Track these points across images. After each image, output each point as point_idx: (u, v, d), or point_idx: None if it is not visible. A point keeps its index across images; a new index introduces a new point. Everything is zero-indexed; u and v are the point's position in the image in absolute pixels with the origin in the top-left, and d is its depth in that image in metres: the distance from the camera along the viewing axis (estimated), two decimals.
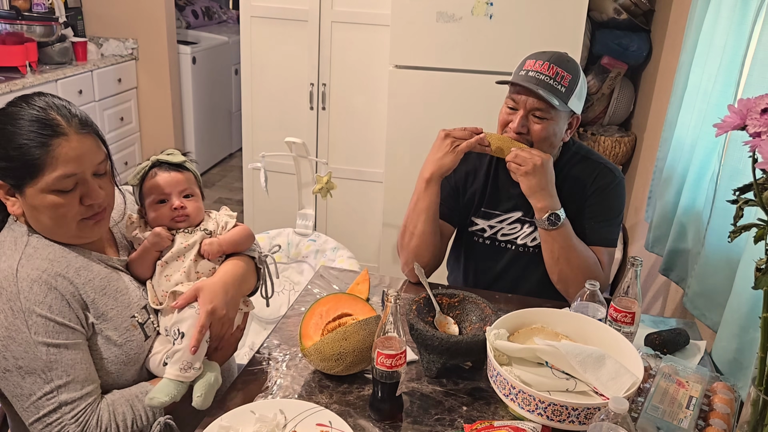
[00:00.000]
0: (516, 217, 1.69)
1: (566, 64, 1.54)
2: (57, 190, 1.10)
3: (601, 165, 1.66)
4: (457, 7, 2.52)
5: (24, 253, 1.12)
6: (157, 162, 1.33)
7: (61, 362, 1.09)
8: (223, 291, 1.25)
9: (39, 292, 1.09)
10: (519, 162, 1.50)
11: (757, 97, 0.93)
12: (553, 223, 1.52)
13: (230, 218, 1.38)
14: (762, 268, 0.97)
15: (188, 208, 1.32)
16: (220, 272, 1.30)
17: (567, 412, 1.07)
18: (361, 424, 1.18)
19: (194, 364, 1.19)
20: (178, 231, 1.31)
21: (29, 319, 1.07)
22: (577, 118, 1.63)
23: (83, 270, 1.16)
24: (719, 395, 1.25)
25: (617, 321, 1.36)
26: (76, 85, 3.52)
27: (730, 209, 1.10)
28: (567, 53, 1.60)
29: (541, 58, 1.55)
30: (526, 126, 1.56)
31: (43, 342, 1.08)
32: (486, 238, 1.74)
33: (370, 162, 3.12)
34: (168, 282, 1.27)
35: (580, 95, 1.57)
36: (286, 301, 2.36)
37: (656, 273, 2.16)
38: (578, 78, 1.55)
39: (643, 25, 2.90)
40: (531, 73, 1.54)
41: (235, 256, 1.35)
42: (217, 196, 4.48)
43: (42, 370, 1.08)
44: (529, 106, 1.54)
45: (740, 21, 1.64)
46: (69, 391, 1.09)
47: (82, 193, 1.13)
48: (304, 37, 3.00)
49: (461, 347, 1.26)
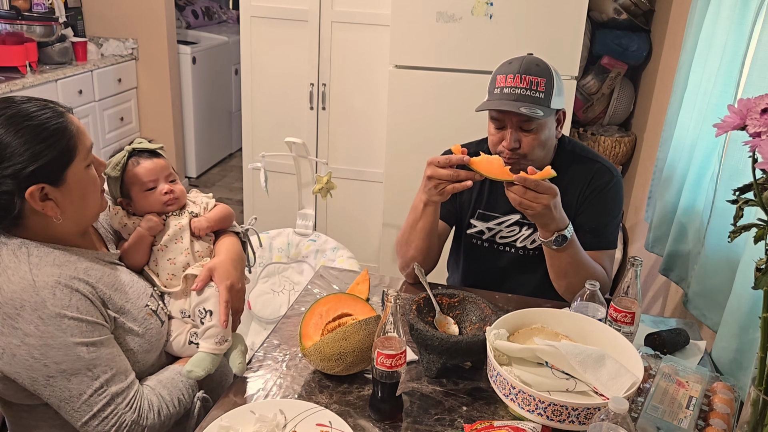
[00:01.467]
0: (514, 220, 1.68)
1: (536, 69, 1.50)
2: (88, 165, 1.16)
3: (598, 164, 1.64)
4: (457, 7, 2.52)
5: (30, 262, 1.11)
6: (133, 151, 1.35)
7: (102, 358, 1.11)
8: (233, 267, 1.33)
9: (62, 296, 1.09)
10: (525, 207, 1.40)
11: (757, 97, 0.93)
12: (560, 243, 1.47)
13: (208, 198, 1.45)
14: (762, 268, 0.97)
15: (176, 191, 1.37)
16: (222, 251, 1.37)
17: (567, 412, 1.07)
18: (361, 424, 1.18)
19: (227, 337, 1.28)
20: (168, 215, 1.35)
21: (62, 323, 1.08)
22: (563, 112, 1.60)
23: (90, 270, 1.17)
24: (719, 395, 1.25)
25: (617, 321, 1.36)
26: (76, 85, 3.52)
27: (730, 209, 1.09)
28: (531, 54, 1.56)
29: (510, 71, 1.51)
30: (518, 140, 1.52)
31: (81, 342, 1.09)
32: (484, 241, 1.72)
33: (370, 162, 3.12)
34: (173, 265, 1.31)
35: (559, 91, 1.53)
36: (286, 301, 2.36)
37: (656, 273, 2.16)
38: (551, 77, 1.51)
39: (643, 25, 2.90)
40: (506, 90, 1.49)
41: (224, 234, 1.43)
42: (217, 196, 4.43)
43: (87, 368, 1.10)
44: (515, 121, 1.51)
45: (740, 21, 1.64)
46: (117, 383, 1.12)
47: (96, 164, 1.19)
48: (304, 37, 3.00)
49: (461, 347, 1.26)
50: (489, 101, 1.53)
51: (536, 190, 1.37)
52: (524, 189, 1.38)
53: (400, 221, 1.72)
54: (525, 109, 1.46)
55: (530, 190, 1.37)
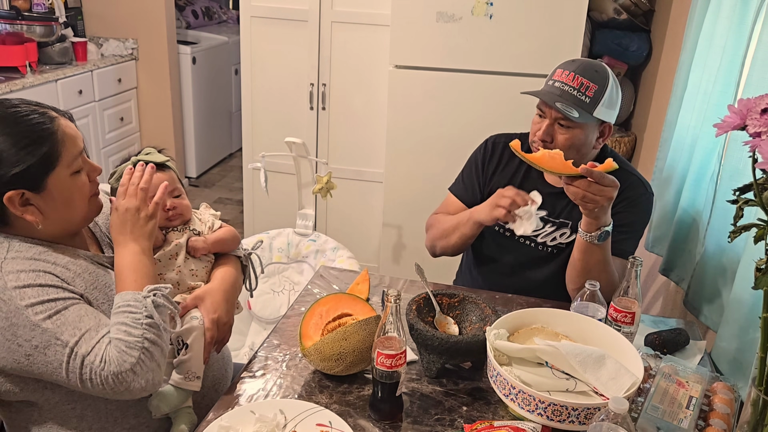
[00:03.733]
0: (541, 215, 1.67)
1: (593, 74, 1.53)
2: (74, 172, 1.14)
3: (633, 177, 1.65)
4: (457, 7, 2.52)
5: (5, 257, 1.10)
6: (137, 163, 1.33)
7: (67, 323, 1.07)
8: (224, 299, 1.31)
9: (26, 278, 1.08)
10: (588, 200, 1.39)
11: (757, 97, 0.93)
12: (604, 239, 1.47)
13: (215, 218, 1.43)
14: (762, 268, 0.97)
15: (179, 207, 1.36)
16: (217, 279, 1.35)
17: (567, 412, 1.07)
18: (361, 424, 1.18)
19: (199, 374, 1.23)
20: (168, 230, 1.34)
21: (22, 300, 1.06)
22: (609, 126, 1.61)
23: (71, 264, 1.16)
24: (719, 395, 1.25)
25: (617, 321, 1.36)
26: (76, 85, 3.52)
27: (730, 209, 1.09)
28: (599, 61, 1.59)
29: (569, 67, 1.55)
30: (551, 135, 1.56)
31: (44, 315, 1.06)
32: (506, 230, 1.73)
33: (370, 162, 3.12)
34: (162, 281, 1.28)
35: (609, 104, 1.55)
36: (286, 301, 2.36)
37: (656, 273, 2.16)
38: (606, 87, 1.53)
39: (643, 25, 2.90)
40: (557, 84, 1.55)
41: (225, 258, 1.40)
42: (217, 196, 4.48)
43: (55, 338, 1.06)
44: (553, 115, 1.55)
45: (740, 21, 1.64)
46: (86, 342, 1.07)
47: (88, 169, 1.17)
48: (304, 37, 3.00)
49: (461, 347, 1.26)
50: (539, 90, 1.58)
51: (601, 183, 1.37)
52: (588, 182, 1.37)
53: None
54: (560, 105, 1.50)
55: (594, 183, 1.37)
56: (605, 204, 1.41)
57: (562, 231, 1.69)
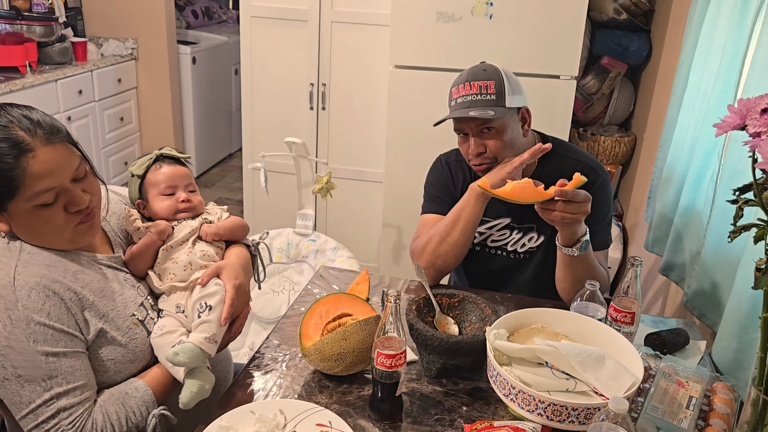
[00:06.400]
0: (505, 224, 1.69)
1: (483, 74, 1.54)
2: (39, 205, 1.08)
3: (581, 164, 1.61)
4: (457, 7, 2.52)
5: (20, 259, 1.11)
6: (160, 155, 1.38)
7: (61, 369, 1.09)
8: (242, 269, 1.33)
9: (37, 299, 1.08)
10: (568, 221, 1.37)
11: (757, 97, 0.93)
12: (585, 248, 1.45)
13: (223, 211, 1.46)
14: (762, 268, 0.97)
15: (193, 201, 1.38)
16: (232, 256, 1.37)
17: (567, 412, 1.07)
18: (361, 424, 1.18)
19: (218, 338, 1.23)
20: (179, 222, 1.36)
21: (28, 327, 1.07)
22: (526, 109, 1.60)
23: (80, 273, 1.16)
24: (719, 395, 1.25)
25: (617, 321, 1.36)
26: (76, 85, 3.52)
27: (730, 209, 1.09)
28: (483, 62, 1.60)
29: (460, 81, 1.56)
30: (483, 145, 1.55)
31: (43, 351, 1.07)
32: (476, 245, 1.73)
33: (370, 162, 3.12)
34: (175, 264, 1.30)
35: (513, 90, 1.55)
36: (286, 301, 2.36)
37: (656, 273, 2.16)
38: (501, 78, 1.53)
39: (643, 25, 2.90)
40: (459, 100, 1.55)
41: (235, 245, 1.42)
42: (217, 196, 4.48)
43: (42, 378, 1.07)
44: (473, 127, 1.55)
45: (740, 21, 1.64)
46: (68, 398, 1.09)
47: (66, 201, 1.10)
48: (304, 37, 3.00)
49: (461, 347, 1.26)
50: (449, 114, 1.57)
51: (575, 201, 1.34)
52: (564, 204, 1.34)
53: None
54: (474, 112, 1.50)
55: (570, 202, 1.34)
56: (582, 219, 1.40)
57: (529, 236, 1.69)
